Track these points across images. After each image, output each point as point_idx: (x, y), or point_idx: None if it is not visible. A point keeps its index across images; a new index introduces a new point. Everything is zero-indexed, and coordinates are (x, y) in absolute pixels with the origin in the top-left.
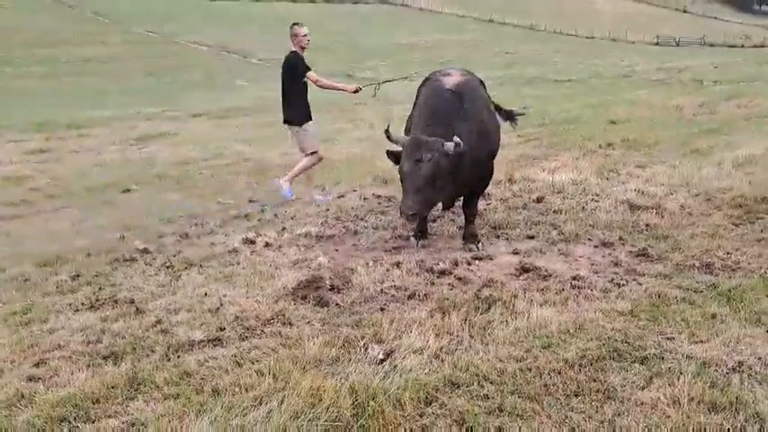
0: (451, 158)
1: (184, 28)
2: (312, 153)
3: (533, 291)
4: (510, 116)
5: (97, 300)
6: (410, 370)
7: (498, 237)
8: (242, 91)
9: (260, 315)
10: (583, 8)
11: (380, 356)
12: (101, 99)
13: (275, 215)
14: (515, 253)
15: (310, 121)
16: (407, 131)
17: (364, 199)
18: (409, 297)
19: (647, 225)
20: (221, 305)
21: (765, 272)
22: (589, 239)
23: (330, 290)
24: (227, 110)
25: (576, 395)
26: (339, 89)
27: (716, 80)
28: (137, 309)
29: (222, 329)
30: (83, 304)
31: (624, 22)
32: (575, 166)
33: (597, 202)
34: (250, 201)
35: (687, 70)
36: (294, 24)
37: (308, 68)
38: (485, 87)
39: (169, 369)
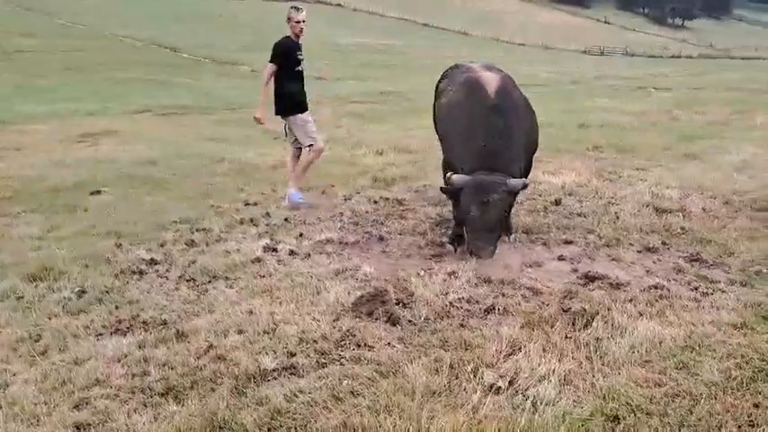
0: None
1: (115, 22)
2: (309, 146)
3: (621, 302)
4: None
5: (119, 321)
6: (551, 402)
7: (533, 242)
8: (180, 87)
9: (327, 336)
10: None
11: (499, 384)
12: (32, 95)
13: (285, 219)
14: (561, 259)
15: (300, 113)
16: (438, 126)
17: (374, 202)
18: (486, 311)
19: (681, 228)
20: (276, 325)
21: None
22: (630, 244)
23: (396, 304)
24: (171, 106)
25: (751, 425)
26: (260, 99)
27: (656, 87)
28: (177, 331)
29: (293, 355)
30: (104, 327)
31: (553, 31)
32: (573, 168)
33: (618, 205)
34: (246, 204)
35: (626, 78)
36: (290, 7)
37: (272, 59)
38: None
39: (254, 407)
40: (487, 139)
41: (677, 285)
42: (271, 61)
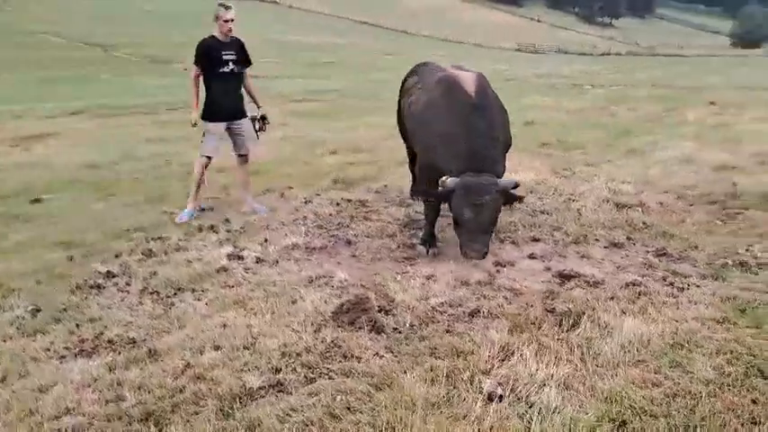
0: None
1: (43, 19)
2: (204, 157)
3: (603, 300)
4: None
5: (82, 341)
6: (556, 409)
7: (502, 240)
8: (114, 86)
9: (311, 348)
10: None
11: (499, 391)
12: None
13: (246, 225)
14: (532, 257)
15: (210, 123)
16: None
17: (337, 204)
18: (471, 315)
19: (643, 223)
20: (254, 338)
21: None
22: (596, 240)
23: (377, 311)
24: (107, 106)
25: (753, 422)
26: (192, 102)
27: (592, 84)
28: (149, 351)
29: (278, 371)
30: (67, 348)
31: (489, 29)
32: (531, 166)
33: (578, 201)
34: (202, 209)
35: (560, 76)
36: (218, 4)
37: (195, 60)
38: None
39: (244, 430)
40: (472, 140)
41: (652, 281)
42: (194, 63)
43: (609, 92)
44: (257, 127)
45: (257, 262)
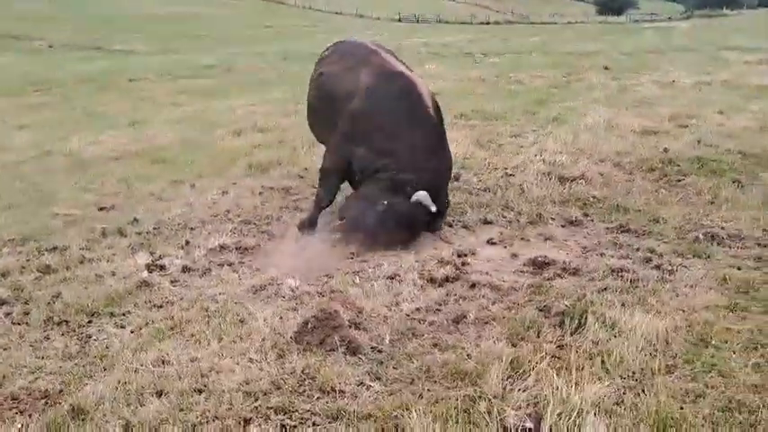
0: None
1: None
2: None
3: (595, 292)
4: None
5: None
6: None
7: (452, 225)
8: None
9: (279, 383)
10: None
11: (529, 425)
12: None
13: (159, 225)
14: (492, 243)
15: None
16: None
17: (259, 194)
18: (455, 322)
19: (593, 197)
20: (205, 376)
21: None
22: (552, 219)
23: (349, 327)
24: None
25: None
26: None
27: (484, 53)
28: (72, 408)
29: (248, 422)
30: None
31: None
32: (451, 137)
33: (515, 176)
34: (101, 208)
35: (449, 45)
36: None
37: None
38: None
39: None
40: (431, 160)
41: (636, 265)
42: None
43: (504, 60)
44: None
45: (184, 271)
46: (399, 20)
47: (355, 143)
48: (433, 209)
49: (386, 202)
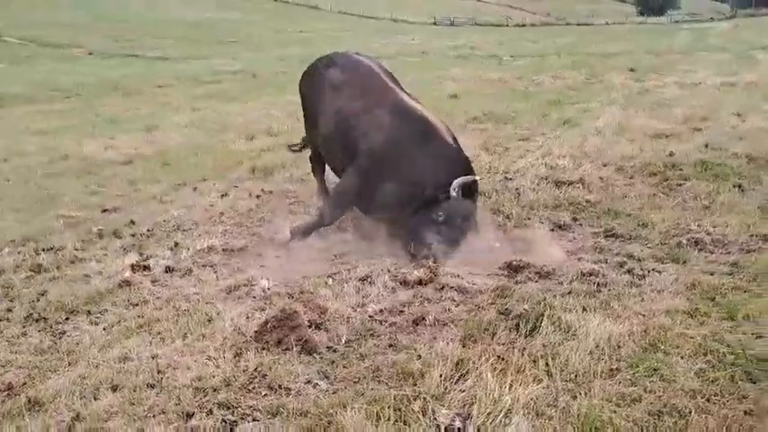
0: None
1: None
2: None
3: (560, 295)
4: None
5: None
6: None
7: None
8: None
9: (230, 380)
10: None
11: (457, 424)
12: None
13: (154, 226)
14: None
15: None
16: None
17: (257, 197)
18: (415, 323)
19: (587, 201)
20: (161, 373)
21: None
22: (540, 222)
23: (308, 327)
24: None
25: None
26: None
27: (512, 56)
28: (28, 400)
29: (190, 416)
30: None
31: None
32: (460, 142)
33: (514, 180)
34: (104, 210)
35: (478, 48)
36: None
37: None
38: None
39: None
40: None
41: (609, 269)
42: None
43: (529, 62)
44: None
45: (167, 271)
46: (435, 23)
47: (380, 179)
48: (473, 177)
49: (441, 213)
